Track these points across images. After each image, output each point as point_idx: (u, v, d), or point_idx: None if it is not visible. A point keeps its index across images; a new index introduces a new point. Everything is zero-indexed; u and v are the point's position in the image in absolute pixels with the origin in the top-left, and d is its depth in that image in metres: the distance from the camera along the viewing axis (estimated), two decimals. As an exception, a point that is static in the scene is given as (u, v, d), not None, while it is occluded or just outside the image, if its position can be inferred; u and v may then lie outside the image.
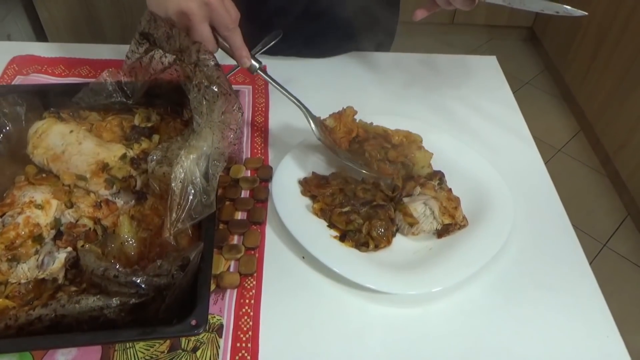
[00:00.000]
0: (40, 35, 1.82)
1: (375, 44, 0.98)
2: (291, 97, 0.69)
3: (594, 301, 0.61)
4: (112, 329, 0.47)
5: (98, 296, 0.44)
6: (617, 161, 2.01)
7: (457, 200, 0.66)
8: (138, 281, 0.44)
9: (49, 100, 0.71)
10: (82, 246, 0.52)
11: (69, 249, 0.52)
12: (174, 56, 0.66)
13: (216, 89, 0.57)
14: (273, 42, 0.80)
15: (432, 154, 0.70)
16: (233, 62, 0.69)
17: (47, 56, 0.91)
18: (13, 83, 0.85)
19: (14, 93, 0.68)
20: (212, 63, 0.58)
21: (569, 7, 0.65)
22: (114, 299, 0.45)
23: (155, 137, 0.70)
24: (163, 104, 0.74)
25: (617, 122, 2.02)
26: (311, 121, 0.69)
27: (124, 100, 0.73)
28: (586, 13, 0.65)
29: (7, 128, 0.67)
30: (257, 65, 0.67)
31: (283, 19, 0.90)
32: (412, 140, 0.72)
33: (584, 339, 0.57)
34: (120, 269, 0.45)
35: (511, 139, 0.82)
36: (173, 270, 0.46)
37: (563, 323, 0.58)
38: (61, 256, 0.51)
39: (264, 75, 0.69)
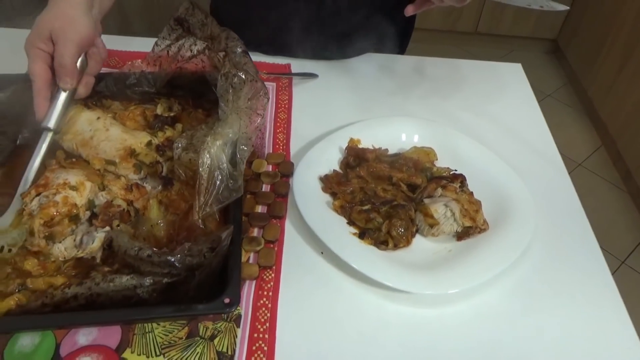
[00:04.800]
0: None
1: (391, 46, 0.98)
2: None
3: (616, 312, 0.60)
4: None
5: (132, 275, 0.45)
6: (639, 177, 1.97)
7: (478, 203, 0.65)
8: (172, 260, 0.45)
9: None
10: (117, 226, 0.54)
11: (107, 228, 0.53)
12: (204, 45, 0.67)
13: (243, 76, 0.58)
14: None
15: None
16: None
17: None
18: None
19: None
20: (240, 50, 0.59)
21: (552, 2, 0.64)
22: (146, 278, 0.45)
23: (179, 126, 0.71)
24: (184, 94, 0.75)
25: (640, 138, 1.99)
26: None
27: (147, 89, 0.75)
28: (567, 8, 0.64)
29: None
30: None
31: (297, 22, 0.90)
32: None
33: (604, 349, 0.56)
34: (154, 249, 0.46)
35: (534, 147, 0.81)
36: (205, 250, 0.46)
37: (582, 332, 0.57)
38: (100, 235, 0.52)
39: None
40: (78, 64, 0.63)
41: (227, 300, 0.46)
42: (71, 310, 0.47)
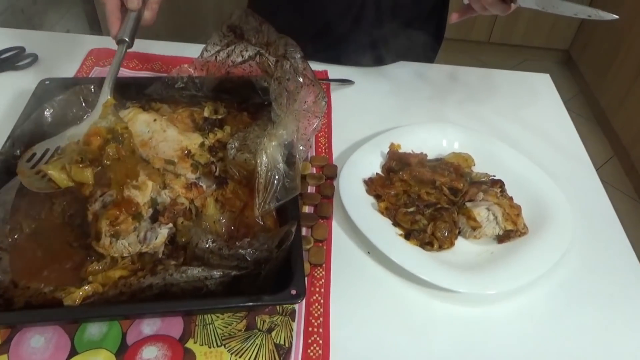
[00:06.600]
0: (97, 33, 1.90)
1: (423, 55, 1.01)
2: None
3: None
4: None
5: (202, 267, 0.48)
6: (653, 188, 2.00)
7: (518, 208, 0.68)
8: (244, 253, 0.48)
9: (124, 91, 0.75)
10: (182, 223, 0.56)
11: (170, 225, 0.56)
12: (256, 50, 0.70)
13: (301, 80, 0.61)
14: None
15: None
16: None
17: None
18: (91, 74, 0.90)
19: (93, 84, 0.73)
20: (299, 55, 0.62)
21: (601, 11, 0.65)
22: (215, 270, 0.48)
23: (227, 128, 0.73)
24: (230, 98, 0.78)
25: (654, 148, 2.01)
26: None
27: (194, 93, 0.77)
28: (617, 17, 0.65)
29: (87, 115, 0.72)
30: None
31: (335, 30, 0.94)
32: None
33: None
34: (226, 242, 0.49)
35: (565, 152, 0.83)
36: (273, 245, 0.49)
37: (624, 333, 0.60)
38: (163, 231, 0.55)
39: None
40: None
41: (293, 292, 0.49)
42: (145, 301, 0.49)
